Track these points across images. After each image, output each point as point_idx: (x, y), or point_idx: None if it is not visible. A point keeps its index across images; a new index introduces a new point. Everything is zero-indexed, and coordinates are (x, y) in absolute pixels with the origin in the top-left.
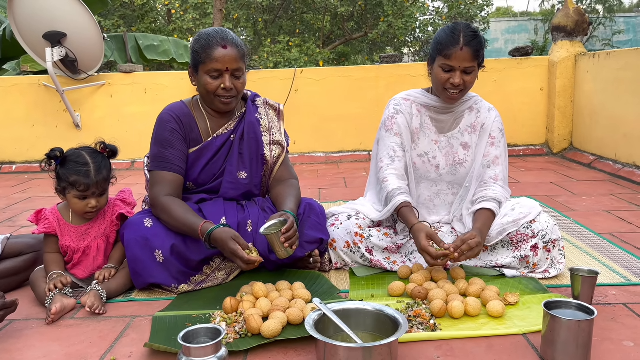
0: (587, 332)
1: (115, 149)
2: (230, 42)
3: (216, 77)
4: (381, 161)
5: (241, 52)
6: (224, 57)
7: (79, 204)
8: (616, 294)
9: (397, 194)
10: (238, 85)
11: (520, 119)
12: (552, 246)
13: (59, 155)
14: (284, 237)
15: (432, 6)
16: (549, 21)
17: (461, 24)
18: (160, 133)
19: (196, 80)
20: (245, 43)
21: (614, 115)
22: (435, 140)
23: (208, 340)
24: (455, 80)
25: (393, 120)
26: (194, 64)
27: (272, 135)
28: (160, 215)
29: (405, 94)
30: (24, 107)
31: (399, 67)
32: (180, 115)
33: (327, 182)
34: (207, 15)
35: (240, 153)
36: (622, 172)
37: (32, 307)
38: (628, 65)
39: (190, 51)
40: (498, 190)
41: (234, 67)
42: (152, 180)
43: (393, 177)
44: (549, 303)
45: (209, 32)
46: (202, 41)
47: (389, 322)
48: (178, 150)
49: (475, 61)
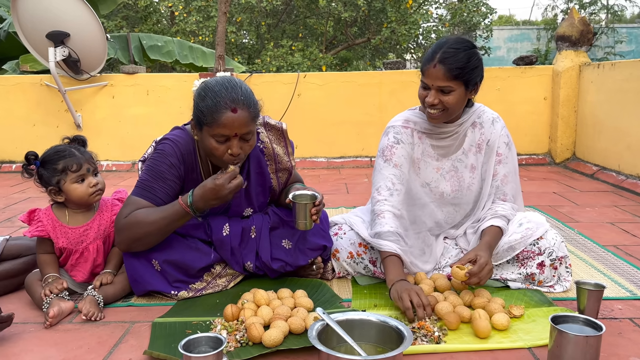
0: (594, 348)
1: (82, 137)
2: (241, 103)
3: (222, 142)
4: (379, 193)
5: (252, 114)
6: (232, 123)
7: (79, 188)
8: (622, 308)
9: (386, 237)
10: (246, 148)
11: (523, 128)
12: (558, 264)
13: (35, 157)
14: (316, 208)
15: (436, 13)
16: (551, 29)
17: (451, 39)
18: (157, 164)
19: (199, 137)
20: (255, 101)
21: (617, 126)
22: (437, 167)
23: (209, 349)
24: (429, 99)
25: (392, 150)
26: (198, 121)
27: (278, 164)
28: (129, 233)
29: (403, 118)
30: (25, 107)
31: (402, 73)
32: (185, 153)
33: (329, 188)
34: (210, 18)
35: (247, 191)
36: (625, 183)
37: (29, 310)
38: (632, 76)
39: (194, 105)
40: (507, 207)
41: (243, 131)
42: (127, 202)
43: (389, 214)
44: (555, 317)
45: (216, 90)
46: (209, 101)
47: (393, 333)
48: (169, 186)
49: (454, 80)
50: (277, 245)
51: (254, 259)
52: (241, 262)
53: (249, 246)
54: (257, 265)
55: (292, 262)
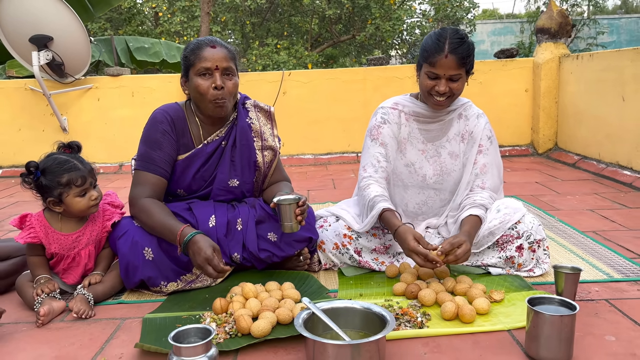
0: (569, 327)
1: (78, 143)
2: (219, 43)
3: (206, 77)
4: (364, 170)
5: (231, 52)
6: (213, 56)
7: (81, 202)
8: (599, 290)
9: (378, 201)
10: (229, 85)
11: (505, 120)
12: (537, 246)
13: (37, 167)
14: (300, 209)
15: (419, 9)
16: (534, 22)
17: (448, 30)
18: (151, 133)
19: (188, 88)
20: (235, 47)
21: (597, 115)
22: (422, 150)
23: (198, 340)
24: (441, 88)
25: (379, 129)
26: (185, 69)
27: (264, 141)
28: (139, 215)
29: (393, 101)
30: (9, 111)
31: (386, 69)
32: (174, 118)
33: (316, 184)
34: (194, 18)
35: (232, 160)
36: (606, 171)
37: (21, 310)
38: (610, 66)
39: (182, 60)
40: (485, 196)
41: (223, 65)
42: (134, 179)
43: (375, 185)
44: (532, 299)
45: (199, 38)
46: (192, 45)
47: (377, 320)
48: (166, 153)
49: (462, 68)
50: (263, 237)
51: (241, 251)
52: (228, 253)
53: (236, 238)
54: (245, 256)
55: (279, 252)
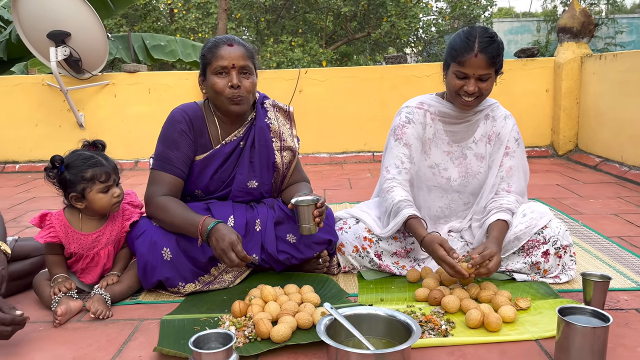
0: (602, 339)
1: (102, 142)
2: (237, 41)
3: (223, 77)
4: (387, 171)
5: (248, 51)
6: (229, 54)
7: (104, 198)
8: (628, 299)
9: (403, 207)
10: (246, 83)
11: (525, 120)
12: (563, 252)
13: (62, 161)
14: (318, 210)
15: (436, 6)
16: (551, 21)
17: (478, 28)
18: (169, 132)
19: (206, 87)
20: (253, 46)
21: (620, 117)
22: (447, 151)
23: (219, 345)
24: (470, 88)
25: (404, 129)
26: (203, 68)
27: (283, 141)
28: (156, 213)
29: (418, 100)
30: (27, 107)
31: (404, 67)
32: (193, 118)
33: (332, 183)
34: (209, 15)
35: (251, 161)
36: (629, 174)
37: (38, 310)
38: (634, 67)
39: (200, 59)
40: (512, 200)
41: (240, 63)
42: (150, 178)
43: (399, 188)
44: (563, 309)
45: (217, 37)
46: (209, 44)
47: (401, 327)
48: (183, 153)
49: (492, 68)
50: (281, 239)
51: (259, 252)
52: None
53: (254, 239)
54: (263, 257)
55: (298, 254)
